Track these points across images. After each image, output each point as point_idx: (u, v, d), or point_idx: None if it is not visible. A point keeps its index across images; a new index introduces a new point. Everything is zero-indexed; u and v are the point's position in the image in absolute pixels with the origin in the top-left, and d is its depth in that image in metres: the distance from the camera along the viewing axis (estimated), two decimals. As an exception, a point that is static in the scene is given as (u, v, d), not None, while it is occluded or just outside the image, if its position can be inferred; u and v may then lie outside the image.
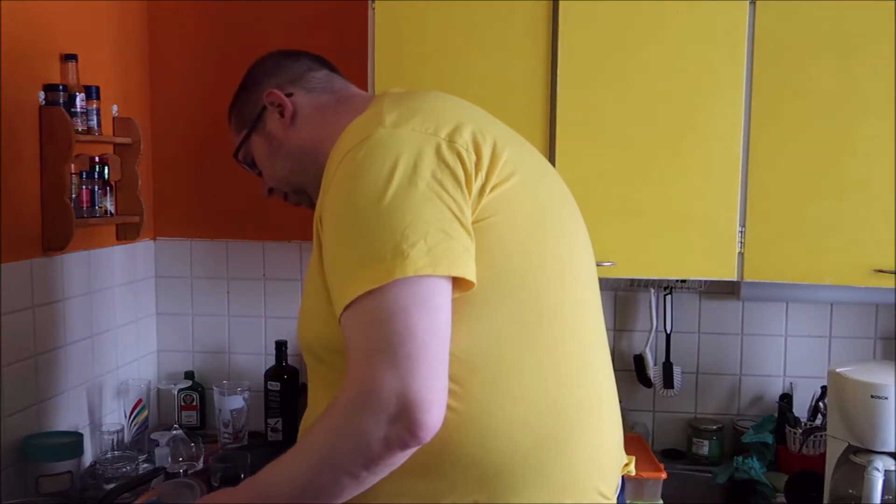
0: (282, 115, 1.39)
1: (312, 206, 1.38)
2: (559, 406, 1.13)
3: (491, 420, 1.09)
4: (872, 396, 1.86)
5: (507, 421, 1.10)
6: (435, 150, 1.09)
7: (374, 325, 1.01)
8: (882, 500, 1.85)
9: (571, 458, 1.14)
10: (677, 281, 2.39)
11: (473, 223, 1.09)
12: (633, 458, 1.34)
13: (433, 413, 1.00)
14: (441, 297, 1.04)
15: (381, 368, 0.99)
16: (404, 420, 0.99)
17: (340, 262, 1.06)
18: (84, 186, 2.12)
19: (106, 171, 2.19)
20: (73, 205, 2.02)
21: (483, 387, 1.09)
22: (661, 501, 2.05)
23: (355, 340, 1.03)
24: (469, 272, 1.06)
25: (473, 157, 1.11)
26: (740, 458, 2.24)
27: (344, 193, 1.08)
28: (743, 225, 2.05)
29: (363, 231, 1.05)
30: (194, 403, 2.53)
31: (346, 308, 1.03)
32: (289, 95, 1.39)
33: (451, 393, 1.06)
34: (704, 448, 2.40)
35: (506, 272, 1.12)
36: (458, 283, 1.06)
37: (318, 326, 1.15)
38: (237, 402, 2.38)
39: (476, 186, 1.10)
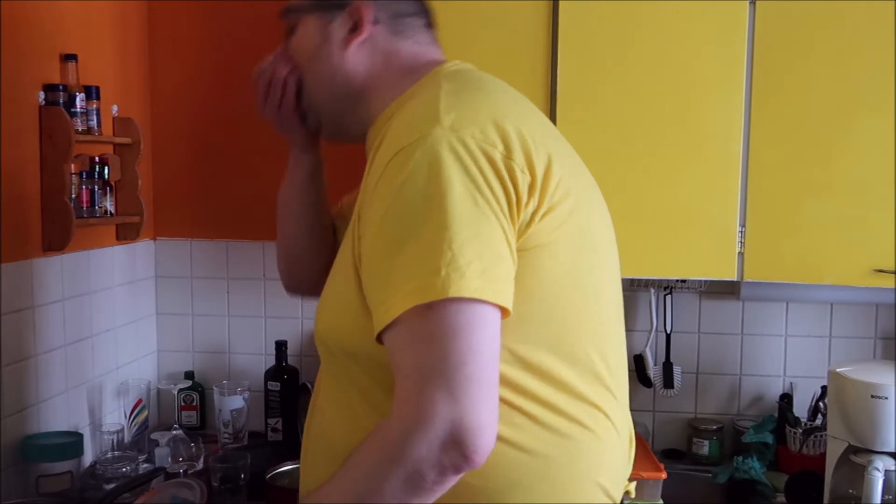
0: (352, 31, 1.23)
1: (309, 126, 1.37)
2: (582, 427, 1.10)
3: (506, 449, 1.06)
4: (872, 396, 1.86)
5: (516, 453, 1.07)
6: (491, 164, 1.01)
7: (429, 344, 0.96)
8: (882, 500, 1.85)
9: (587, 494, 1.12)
10: (677, 281, 2.39)
11: (521, 250, 1.04)
12: (633, 483, 1.32)
13: (487, 436, 0.96)
14: (493, 324, 0.99)
15: (434, 391, 0.94)
16: (459, 445, 0.94)
17: (386, 270, 1.00)
18: (84, 186, 2.12)
19: (106, 171, 2.19)
20: (73, 205, 2.02)
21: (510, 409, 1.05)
22: (661, 501, 2.05)
23: (406, 357, 0.98)
24: (510, 302, 1.00)
25: (528, 178, 1.03)
26: (740, 458, 2.24)
27: (394, 196, 1.01)
28: (743, 225, 2.05)
29: (415, 241, 0.98)
30: (194, 403, 2.53)
31: (394, 322, 0.97)
32: (375, 22, 1.23)
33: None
34: (704, 448, 2.40)
35: (547, 304, 1.07)
36: (502, 311, 1.01)
37: (338, 322, 1.11)
38: (237, 402, 2.38)
39: (528, 211, 1.03)
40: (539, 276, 1.06)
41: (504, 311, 1.00)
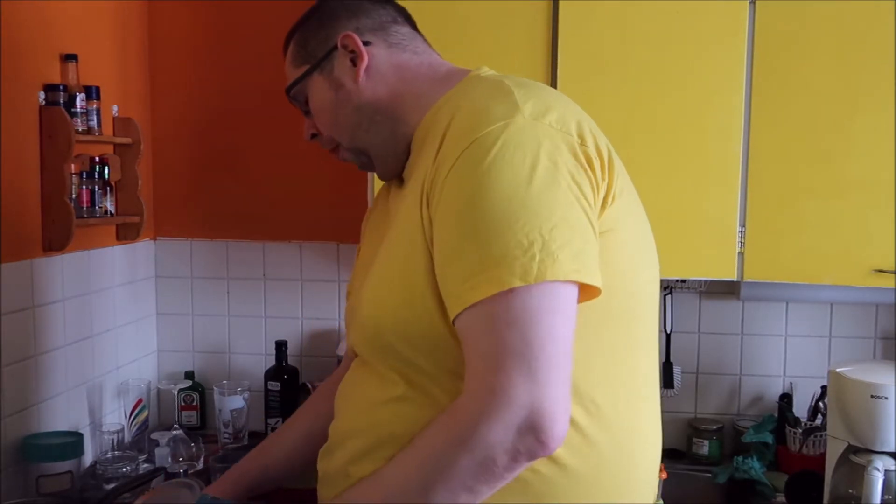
0: (353, 63, 1.23)
1: (367, 168, 1.30)
2: (625, 434, 1.11)
3: (573, 442, 1.05)
4: (872, 396, 1.86)
5: (582, 446, 1.06)
6: (572, 151, 1.04)
7: (512, 327, 0.95)
8: (882, 500, 1.85)
9: (629, 486, 1.13)
10: (677, 281, 2.39)
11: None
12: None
13: (563, 423, 0.96)
14: (574, 305, 0.99)
15: (515, 375, 0.94)
16: (535, 431, 0.94)
17: (469, 256, 0.99)
18: (84, 186, 2.12)
19: (106, 171, 2.19)
20: (73, 205, 2.02)
21: (574, 405, 1.04)
22: (661, 501, 2.04)
23: (483, 341, 0.97)
24: (600, 282, 1.01)
25: (599, 162, 1.06)
26: (740, 458, 2.24)
27: (476, 183, 1.00)
28: (743, 225, 2.05)
29: (502, 226, 0.97)
30: (194, 403, 2.53)
31: (477, 304, 0.97)
32: (366, 44, 1.23)
33: None
34: (704, 448, 2.40)
35: (611, 291, 1.06)
36: (588, 290, 1.01)
37: (402, 312, 1.07)
38: (237, 402, 2.38)
39: (601, 194, 1.06)
40: (607, 262, 1.06)
41: (596, 291, 1.01)
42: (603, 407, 1.08)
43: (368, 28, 1.25)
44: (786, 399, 2.37)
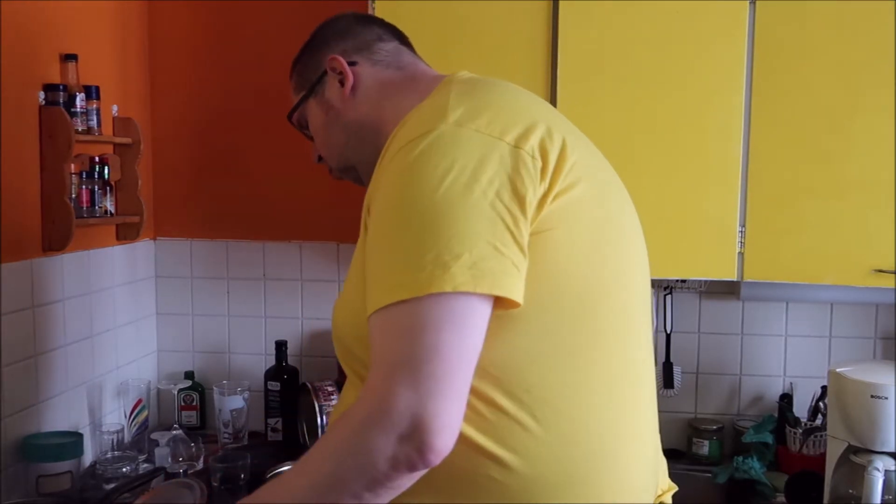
0: (342, 84, 1.29)
1: (359, 183, 1.34)
2: (592, 437, 1.08)
3: (518, 446, 1.04)
4: (872, 396, 1.86)
5: (532, 449, 1.04)
6: (497, 156, 1.02)
7: (402, 337, 0.96)
8: (882, 500, 1.85)
9: (600, 491, 1.09)
10: (677, 281, 2.39)
11: (531, 234, 1.03)
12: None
13: (445, 437, 0.95)
14: (476, 316, 0.98)
15: (400, 384, 0.94)
16: (415, 441, 0.94)
17: (380, 261, 1.01)
18: (84, 186, 2.12)
19: (106, 171, 2.20)
20: (73, 205, 2.02)
21: (517, 410, 1.04)
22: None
23: (379, 348, 0.98)
24: (514, 292, 0.99)
25: (539, 163, 1.04)
26: (740, 458, 2.24)
27: (395, 190, 1.03)
28: (743, 225, 2.05)
29: (407, 234, 0.99)
30: (194, 403, 2.53)
31: (377, 311, 0.99)
32: (352, 64, 1.29)
33: (478, 413, 1.03)
34: (704, 448, 2.40)
35: (558, 291, 1.05)
36: (503, 300, 0.99)
37: (353, 317, 1.10)
38: (237, 402, 2.38)
39: (538, 195, 1.03)
40: (547, 261, 1.05)
41: (506, 302, 1.00)
42: (563, 409, 1.06)
43: (354, 48, 1.31)
44: (786, 399, 2.37)
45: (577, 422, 1.07)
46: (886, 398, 1.85)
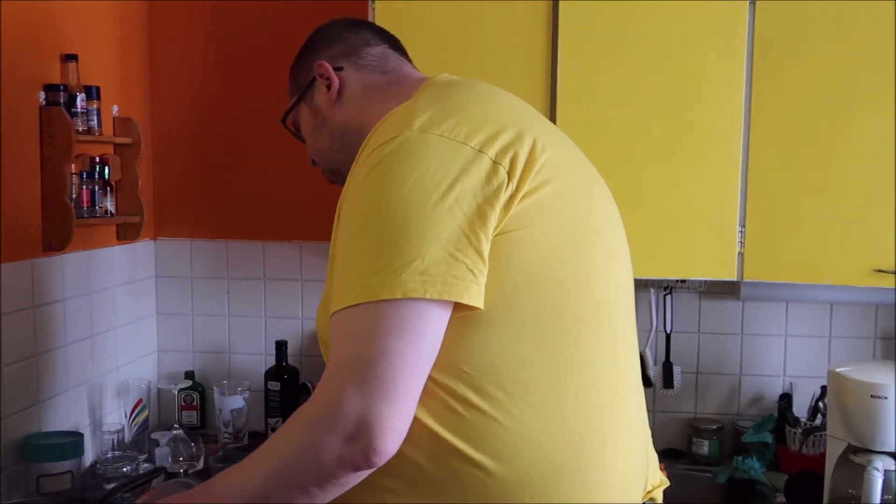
0: (328, 88, 1.32)
1: None
2: (573, 432, 1.07)
3: (496, 443, 1.04)
4: (872, 396, 1.86)
5: (511, 447, 1.04)
6: (460, 162, 1.02)
7: (353, 340, 0.99)
8: (882, 500, 1.85)
9: (583, 487, 1.09)
10: (677, 281, 2.39)
11: (498, 234, 1.03)
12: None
13: (390, 440, 0.97)
14: (426, 322, 0.99)
15: (347, 386, 0.97)
16: (360, 442, 0.96)
17: (342, 265, 1.04)
18: (84, 186, 2.12)
19: (106, 171, 2.20)
20: (73, 205, 2.02)
21: (492, 408, 1.04)
22: (661, 501, 2.04)
23: (334, 349, 1.02)
24: (468, 296, 1.00)
25: (507, 164, 1.04)
26: (740, 458, 2.24)
27: (359, 194, 1.05)
28: (743, 225, 2.05)
29: (365, 239, 1.02)
30: (194, 403, 2.53)
31: (335, 313, 1.02)
32: (338, 69, 1.32)
33: (455, 412, 1.03)
34: (704, 448, 2.40)
35: (530, 288, 1.06)
36: (462, 304, 1.01)
37: (328, 318, 1.11)
38: (237, 402, 2.38)
39: (502, 199, 1.03)
40: (518, 259, 1.05)
41: (464, 305, 1.01)
42: (541, 405, 1.06)
43: (341, 53, 1.33)
44: (786, 399, 2.37)
45: (558, 418, 1.07)
46: (886, 398, 1.85)
